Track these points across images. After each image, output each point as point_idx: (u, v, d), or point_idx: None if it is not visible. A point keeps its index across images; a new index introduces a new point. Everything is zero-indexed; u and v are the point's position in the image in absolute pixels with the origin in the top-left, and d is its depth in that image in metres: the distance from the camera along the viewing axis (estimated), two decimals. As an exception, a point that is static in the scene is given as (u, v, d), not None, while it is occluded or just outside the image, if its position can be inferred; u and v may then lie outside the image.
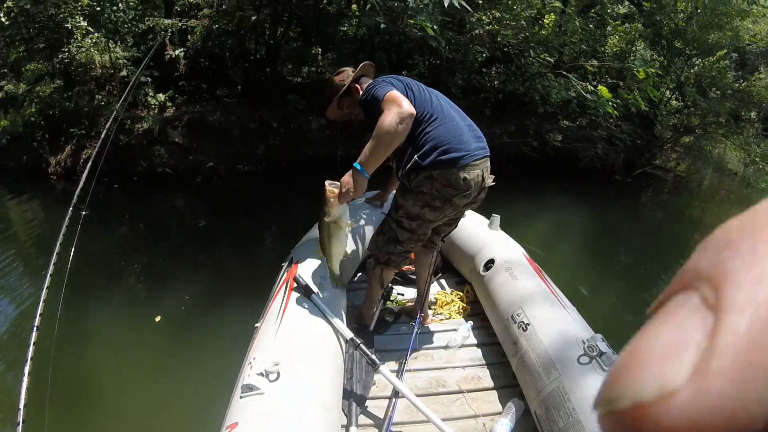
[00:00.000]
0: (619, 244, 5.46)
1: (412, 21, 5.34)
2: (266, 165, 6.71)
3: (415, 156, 1.81)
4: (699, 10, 7.80)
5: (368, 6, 5.58)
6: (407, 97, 1.76)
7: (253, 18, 6.93)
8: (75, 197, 2.29)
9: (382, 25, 5.45)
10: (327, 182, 1.70)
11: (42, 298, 1.85)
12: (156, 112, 6.60)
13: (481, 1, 6.28)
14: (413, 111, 1.65)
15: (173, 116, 6.78)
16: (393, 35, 5.84)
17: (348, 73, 2.03)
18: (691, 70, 8.54)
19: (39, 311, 1.81)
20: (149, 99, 6.54)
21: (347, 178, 1.66)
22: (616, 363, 0.15)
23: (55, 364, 2.08)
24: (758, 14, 9.22)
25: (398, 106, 1.63)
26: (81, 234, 2.32)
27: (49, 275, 1.94)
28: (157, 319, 3.21)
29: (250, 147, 6.69)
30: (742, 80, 9.46)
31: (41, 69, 6.71)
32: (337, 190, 1.68)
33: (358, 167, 1.65)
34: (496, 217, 2.77)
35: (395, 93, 1.69)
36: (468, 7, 4.68)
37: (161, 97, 6.60)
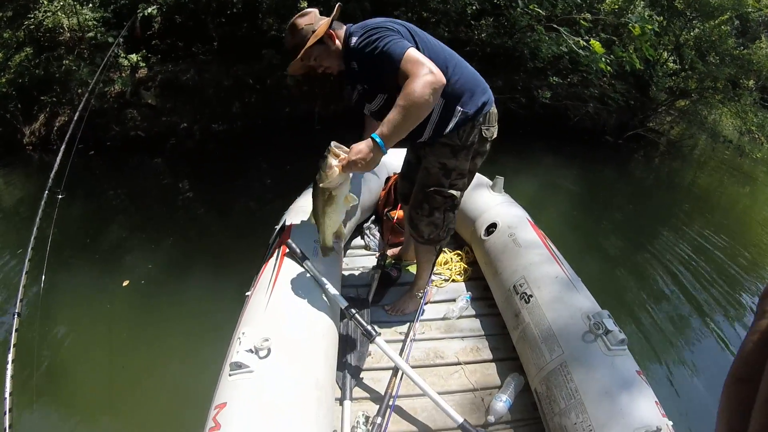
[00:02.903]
0: (608, 209, 5.41)
1: None
2: (242, 124, 6.53)
3: (459, 107, 1.65)
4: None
5: None
6: (419, 48, 1.52)
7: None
8: (50, 180, 2.19)
9: None
10: (333, 143, 1.44)
11: (21, 284, 1.82)
12: (128, 73, 6.34)
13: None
14: (444, 80, 1.42)
15: (146, 77, 6.54)
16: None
17: (315, 16, 1.65)
18: (691, 33, 8.33)
19: (19, 297, 1.79)
20: (120, 60, 6.25)
21: (362, 147, 1.39)
22: None
23: (37, 345, 2.01)
24: None
25: (431, 73, 1.37)
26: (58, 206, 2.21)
27: (27, 260, 1.91)
28: (125, 283, 3.14)
29: (225, 106, 6.50)
30: (742, 47, 9.31)
31: (11, 38, 6.34)
32: (344, 156, 1.42)
33: (379, 141, 1.38)
34: (500, 179, 2.63)
35: (417, 53, 1.43)
36: None
37: (133, 57, 6.34)
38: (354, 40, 1.55)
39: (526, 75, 7.18)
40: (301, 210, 2.20)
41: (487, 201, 2.55)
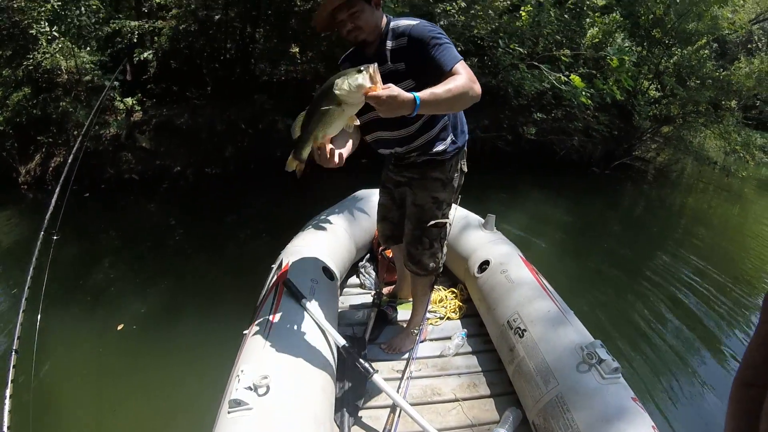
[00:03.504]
0: (600, 239, 5.44)
1: None
2: (234, 168, 6.59)
3: (452, 135, 1.78)
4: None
5: None
6: None
7: (217, 17, 6.74)
8: (46, 221, 2.23)
9: None
10: (376, 65, 1.30)
11: (18, 322, 1.85)
12: (123, 116, 6.44)
13: None
14: (480, 98, 1.50)
15: (141, 120, 6.62)
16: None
17: None
18: (671, 60, 8.59)
19: (17, 334, 1.81)
20: (116, 103, 6.37)
21: (400, 93, 1.31)
22: None
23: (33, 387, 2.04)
24: (737, 2, 9.33)
25: (477, 83, 1.46)
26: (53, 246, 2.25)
27: (24, 299, 1.94)
28: (119, 327, 3.11)
29: (218, 149, 6.58)
30: (722, 69, 9.58)
31: (10, 76, 6.46)
32: (380, 83, 1.29)
33: (417, 100, 1.33)
34: (492, 217, 2.70)
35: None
36: None
37: (129, 101, 6.45)
38: (408, 22, 1.56)
39: (512, 112, 7.37)
40: (297, 250, 2.24)
41: (480, 239, 2.61)
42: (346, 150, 1.57)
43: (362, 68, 1.29)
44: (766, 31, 17.70)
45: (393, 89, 1.30)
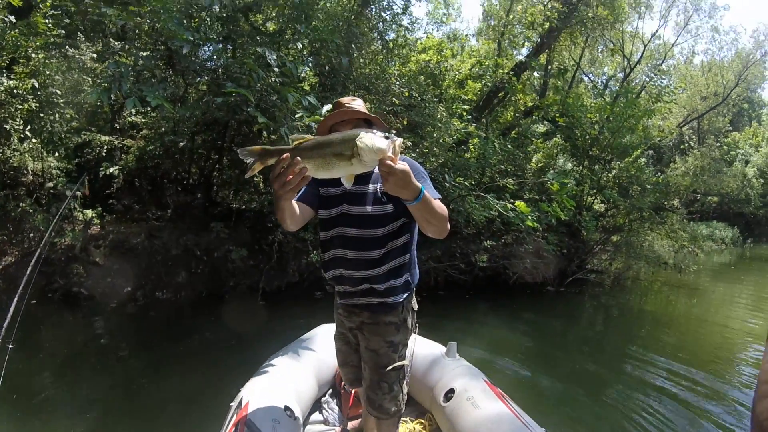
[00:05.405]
0: (563, 356, 5.40)
1: None
2: (186, 294, 6.41)
3: (408, 273, 1.83)
4: (610, 118, 8.83)
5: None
6: None
7: (181, 144, 6.98)
8: (3, 330, 2.20)
9: None
10: (402, 140, 1.33)
11: None
12: (81, 228, 6.35)
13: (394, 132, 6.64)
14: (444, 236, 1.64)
15: (98, 234, 6.55)
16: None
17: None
18: (610, 174, 9.31)
19: None
20: (75, 213, 6.30)
21: (412, 177, 1.34)
22: None
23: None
24: (664, 109, 10.45)
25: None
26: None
27: None
28: None
29: (171, 274, 6.46)
30: (660, 173, 10.36)
31: None
32: (398, 158, 1.29)
33: (422, 193, 1.40)
34: (453, 344, 2.71)
35: None
36: None
37: (89, 213, 6.41)
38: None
39: (463, 241, 7.66)
40: (257, 388, 2.17)
41: (443, 367, 2.59)
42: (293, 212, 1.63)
43: (389, 136, 1.28)
44: (696, 130, 19.89)
45: (405, 167, 1.32)
